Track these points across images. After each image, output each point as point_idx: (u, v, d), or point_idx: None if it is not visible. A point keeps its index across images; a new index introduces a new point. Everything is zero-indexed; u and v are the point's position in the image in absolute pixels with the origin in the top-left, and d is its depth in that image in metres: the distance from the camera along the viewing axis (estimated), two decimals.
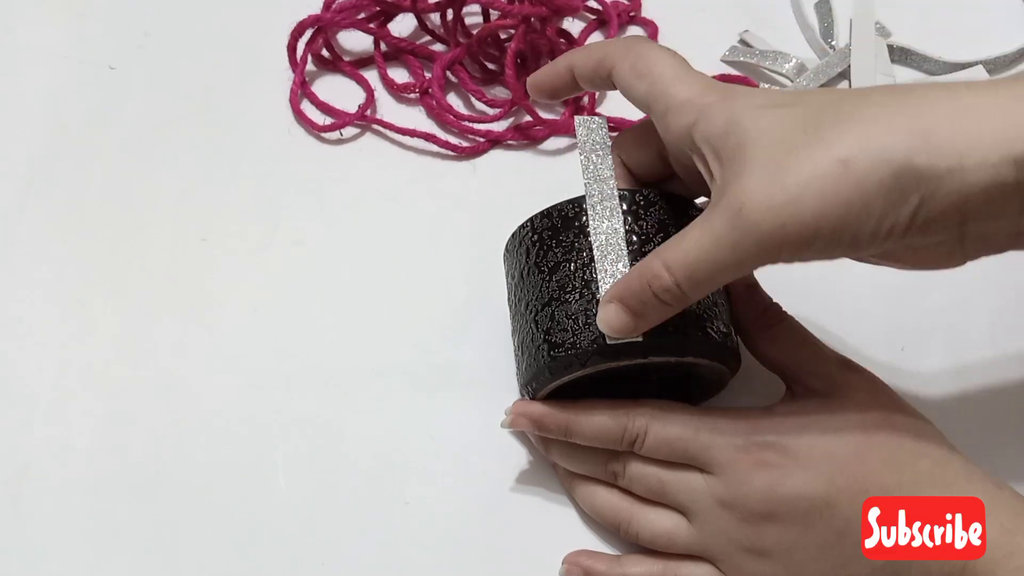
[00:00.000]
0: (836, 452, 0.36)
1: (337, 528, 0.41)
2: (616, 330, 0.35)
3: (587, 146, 0.38)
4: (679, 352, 0.36)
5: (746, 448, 0.36)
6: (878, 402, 0.38)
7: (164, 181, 0.51)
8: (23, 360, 0.46)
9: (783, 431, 0.37)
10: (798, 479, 0.36)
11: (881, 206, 0.30)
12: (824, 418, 0.37)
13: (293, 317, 0.47)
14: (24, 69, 0.56)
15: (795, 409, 0.38)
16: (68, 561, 0.41)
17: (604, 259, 0.36)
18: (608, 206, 0.37)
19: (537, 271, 0.38)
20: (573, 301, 0.37)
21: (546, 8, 0.52)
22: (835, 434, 0.36)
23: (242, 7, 0.58)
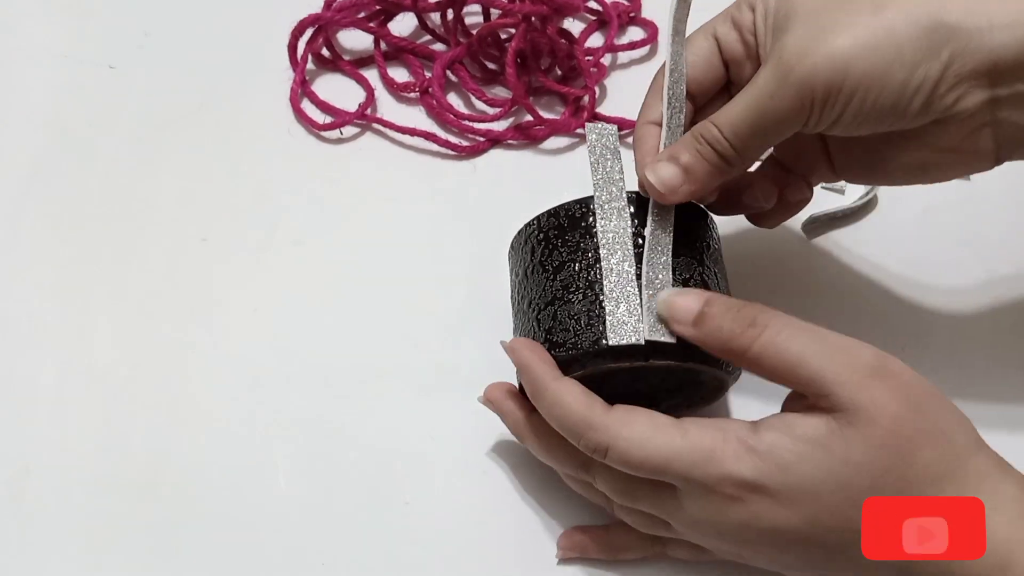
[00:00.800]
0: (825, 496, 0.32)
1: (337, 528, 0.41)
2: (667, 184, 0.36)
3: (597, 150, 0.39)
4: (680, 357, 0.36)
5: (720, 485, 0.32)
6: (901, 431, 0.32)
7: (164, 181, 0.51)
8: (23, 360, 0.46)
9: (765, 468, 0.32)
10: (777, 516, 0.32)
11: (911, 55, 0.32)
12: (821, 454, 0.32)
13: (293, 317, 0.47)
14: (24, 69, 0.56)
15: (787, 437, 0.32)
16: (68, 561, 0.41)
17: (610, 258, 0.36)
18: (616, 207, 0.37)
19: (541, 270, 0.38)
20: (576, 301, 0.37)
21: (547, 7, 0.52)
22: (828, 474, 0.32)
23: (242, 7, 0.58)
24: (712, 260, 0.39)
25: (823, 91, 0.33)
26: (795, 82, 0.33)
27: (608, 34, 0.56)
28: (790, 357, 0.32)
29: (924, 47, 0.32)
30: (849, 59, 0.33)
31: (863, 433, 0.31)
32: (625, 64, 0.57)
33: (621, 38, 0.58)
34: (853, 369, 0.32)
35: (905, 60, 0.32)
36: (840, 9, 0.33)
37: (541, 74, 0.54)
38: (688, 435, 0.33)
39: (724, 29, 0.38)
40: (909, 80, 0.33)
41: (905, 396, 0.32)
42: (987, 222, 0.48)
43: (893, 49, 0.32)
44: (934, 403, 0.33)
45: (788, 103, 0.34)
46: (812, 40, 0.33)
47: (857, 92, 0.33)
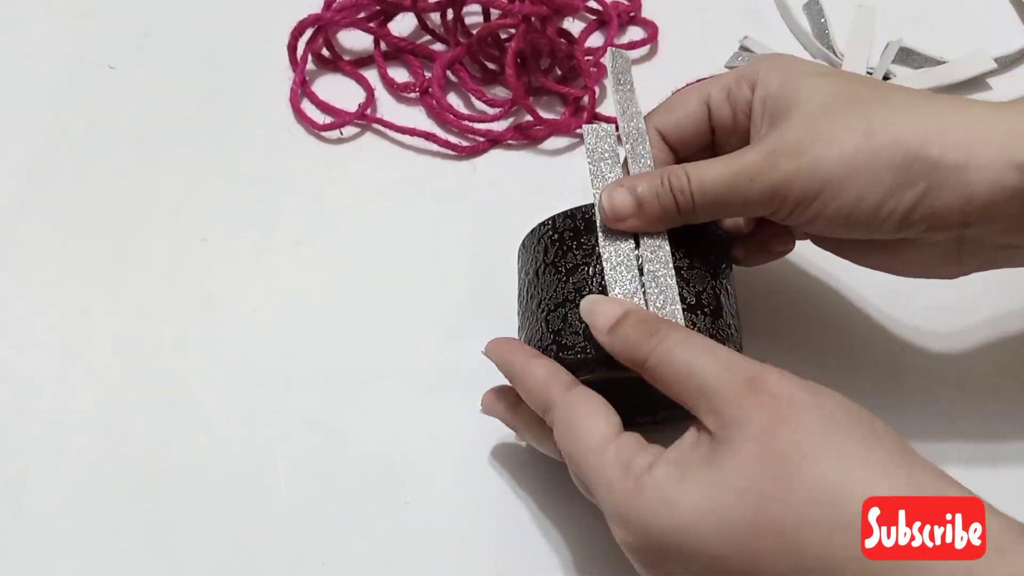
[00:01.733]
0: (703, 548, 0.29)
1: (337, 528, 0.41)
2: (616, 208, 0.36)
3: (595, 154, 0.39)
4: None
5: (611, 518, 0.32)
6: (773, 448, 0.29)
7: (164, 181, 0.51)
8: (23, 360, 0.46)
9: (646, 505, 0.31)
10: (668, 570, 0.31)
11: (889, 182, 0.34)
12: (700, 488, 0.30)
13: (293, 317, 0.47)
14: (24, 69, 0.56)
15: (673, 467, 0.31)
16: (68, 561, 0.41)
17: (613, 266, 0.36)
18: None
19: (554, 270, 0.38)
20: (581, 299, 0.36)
21: (547, 7, 0.52)
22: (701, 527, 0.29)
23: (242, 7, 0.58)
24: (725, 275, 0.39)
25: (797, 195, 0.34)
26: (776, 176, 0.34)
27: (608, 34, 0.56)
28: (680, 368, 0.32)
29: (903, 177, 0.34)
30: (830, 173, 0.34)
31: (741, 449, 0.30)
32: None
33: (621, 38, 0.58)
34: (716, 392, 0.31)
35: (882, 186, 0.34)
36: (837, 121, 0.35)
37: (541, 74, 0.54)
38: (605, 452, 0.32)
39: (719, 99, 0.39)
40: (883, 205, 0.34)
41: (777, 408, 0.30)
42: None
43: (872, 173, 0.34)
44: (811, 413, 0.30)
45: (762, 192, 0.35)
46: (803, 143, 0.34)
47: (830, 205, 0.34)
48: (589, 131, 0.39)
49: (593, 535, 0.41)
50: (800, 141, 0.34)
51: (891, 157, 0.33)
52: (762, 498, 0.29)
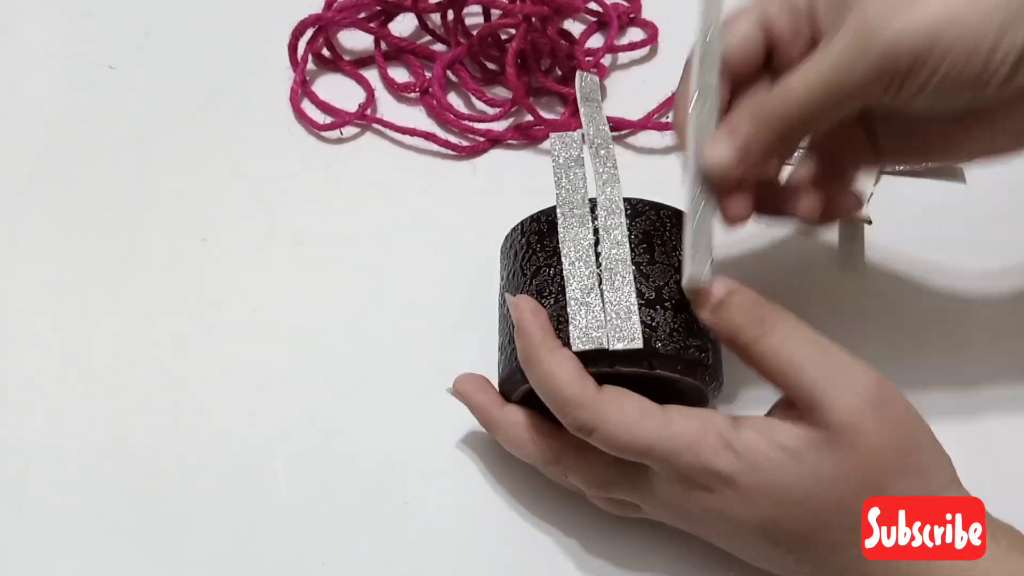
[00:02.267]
0: (788, 504, 0.33)
1: (337, 528, 0.41)
2: (717, 164, 0.34)
3: (561, 158, 0.38)
4: (647, 364, 0.35)
5: (695, 473, 0.33)
6: (878, 463, 0.32)
7: (164, 181, 0.51)
8: (23, 360, 0.46)
9: (739, 465, 0.33)
10: (741, 511, 0.33)
11: (1001, 18, 0.30)
12: (793, 464, 0.32)
13: (293, 317, 0.47)
14: (24, 69, 0.56)
15: (764, 440, 0.33)
16: (68, 561, 0.41)
17: (572, 266, 0.36)
18: (578, 215, 0.37)
19: (521, 273, 0.39)
20: (548, 306, 0.37)
21: (547, 8, 0.52)
22: (795, 483, 0.32)
23: (242, 7, 0.59)
24: None
25: (909, 59, 0.31)
26: (879, 49, 0.31)
27: (608, 35, 0.56)
28: (790, 364, 0.33)
29: (1014, 9, 0.31)
30: (939, 26, 0.31)
31: (840, 455, 0.32)
32: (625, 64, 0.57)
33: (621, 39, 0.58)
34: (849, 392, 0.32)
35: (994, 23, 0.31)
36: None
37: (541, 74, 0.54)
38: (672, 423, 0.34)
39: (775, 9, 0.36)
40: (998, 45, 0.31)
41: (893, 431, 0.32)
42: (987, 222, 0.48)
43: (982, 14, 0.31)
44: (920, 440, 0.33)
45: (870, 71, 0.32)
46: (896, 6, 0.31)
47: (945, 60, 0.31)
48: (555, 138, 0.39)
49: (593, 535, 0.41)
50: (891, 7, 0.31)
51: None
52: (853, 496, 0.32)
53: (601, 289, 0.36)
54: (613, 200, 0.37)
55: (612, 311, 0.35)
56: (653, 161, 0.52)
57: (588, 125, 0.39)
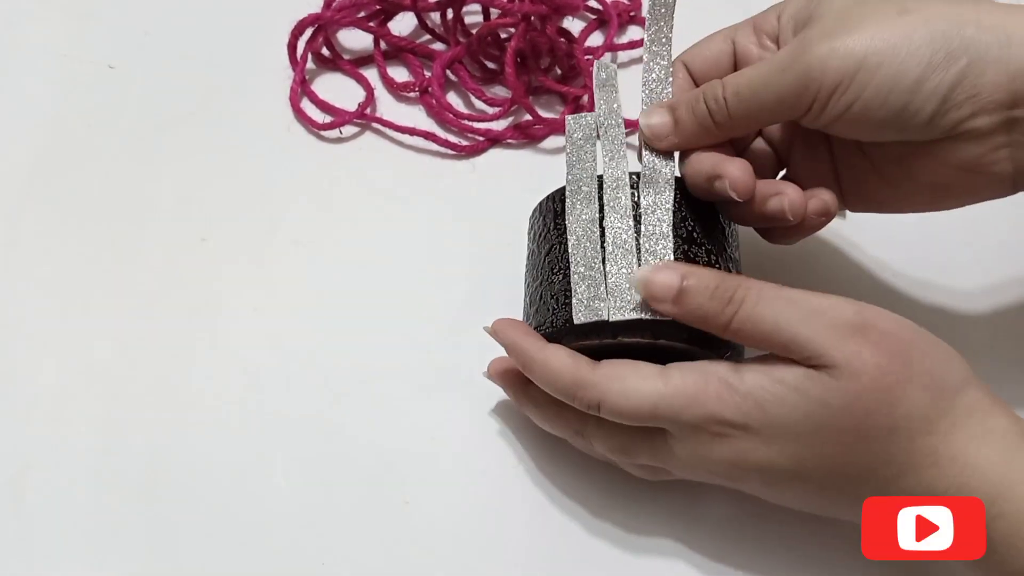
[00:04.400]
0: (804, 437, 0.33)
1: (337, 528, 0.41)
2: (653, 131, 0.37)
3: (573, 140, 0.40)
4: (651, 334, 0.36)
5: (706, 424, 0.34)
6: (884, 380, 0.32)
7: (164, 181, 0.51)
8: (24, 360, 0.46)
9: (745, 407, 0.33)
10: (762, 454, 0.34)
11: (927, 59, 0.33)
12: (797, 397, 0.33)
13: (293, 317, 0.47)
14: (24, 68, 0.56)
15: (766, 379, 0.33)
16: (68, 561, 0.41)
17: (577, 241, 0.37)
18: (585, 192, 0.38)
19: (536, 252, 0.40)
20: (557, 282, 0.38)
21: (546, 7, 0.52)
22: (805, 416, 0.33)
23: (242, 6, 0.58)
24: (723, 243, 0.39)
25: (833, 78, 0.34)
26: (807, 62, 0.34)
27: (608, 33, 0.56)
28: (766, 327, 0.33)
29: (941, 54, 0.32)
30: (864, 53, 0.33)
31: (844, 385, 0.32)
32: (625, 63, 0.57)
33: (621, 37, 0.58)
34: (832, 330, 0.33)
35: (920, 62, 0.33)
36: (866, 9, 0.34)
37: (541, 73, 0.54)
38: (671, 380, 0.34)
39: (744, 33, 0.39)
40: (921, 84, 0.33)
41: (888, 348, 0.33)
42: (987, 222, 0.48)
43: (908, 51, 0.33)
44: (921, 346, 0.34)
45: (794, 81, 0.34)
46: (833, 31, 0.34)
47: (867, 87, 0.33)
48: (570, 120, 0.40)
49: (593, 535, 0.41)
50: (831, 28, 0.34)
51: (928, 33, 0.33)
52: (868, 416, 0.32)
53: (604, 263, 0.36)
54: (617, 176, 0.38)
55: (613, 283, 0.36)
56: None
57: (599, 108, 0.40)
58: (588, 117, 0.40)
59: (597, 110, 0.40)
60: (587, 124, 0.40)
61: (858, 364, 0.32)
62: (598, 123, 0.39)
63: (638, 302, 0.36)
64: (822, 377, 0.33)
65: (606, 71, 0.40)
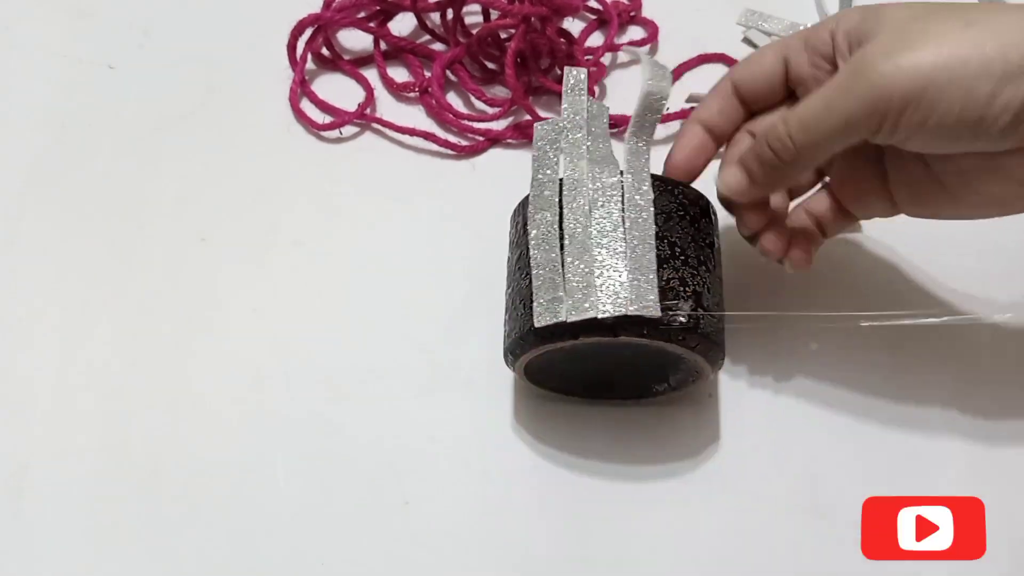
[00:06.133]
0: None
1: (337, 528, 0.41)
2: (731, 187, 0.37)
3: (537, 145, 0.39)
4: (611, 332, 0.36)
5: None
6: None
7: (164, 181, 0.51)
8: (23, 360, 0.46)
9: None
10: None
11: (1000, 70, 0.31)
12: None
13: (293, 317, 0.47)
14: (23, 68, 0.56)
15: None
16: (68, 561, 0.41)
17: (538, 245, 0.37)
18: (547, 196, 0.38)
19: (511, 256, 0.40)
20: (524, 286, 0.38)
21: (546, 8, 0.52)
22: None
23: (242, 6, 0.58)
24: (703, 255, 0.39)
25: (900, 99, 0.32)
26: (872, 83, 0.33)
27: (608, 33, 0.56)
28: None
29: (1015, 63, 0.31)
30: (933, 69, 0.32)
31: None
32: (625, 64, 0.57)
33: (621, 37, 0.58)
34: None
35: (992, 75, 0.31)
36: (928, 23, 0.33)
37: (540, 74, 0.54)
38: None
39: (796, 47, 0.38)
40: (995, 97, 0.32)
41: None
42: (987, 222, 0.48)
43: (980, 63, 0.31)
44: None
45: (861, 104, 0.33)
46: (896, 47, 0.33)
47: (939, 103, 0.32)
48: (537, 127, 0.40)
49: (593, 535, 0.41)
50: (892, 44, 0.33)
51: (999, 45, 0.31)
52: None
53: (563, 264, 0.37)
54: (576, 179, 0.38)
55: (570, 284, 0.36)
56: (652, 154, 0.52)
57: (565, 113, 0.40)
58: (552, 122, 0.40)
59: (563, 115, 0.40)
60: (550, 129, 0.40)
61: None
62: (563, 127, 0.39)
63: (594, 301, 0.36)
64: None
65: (575, 77, 0.40)
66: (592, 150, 0.39)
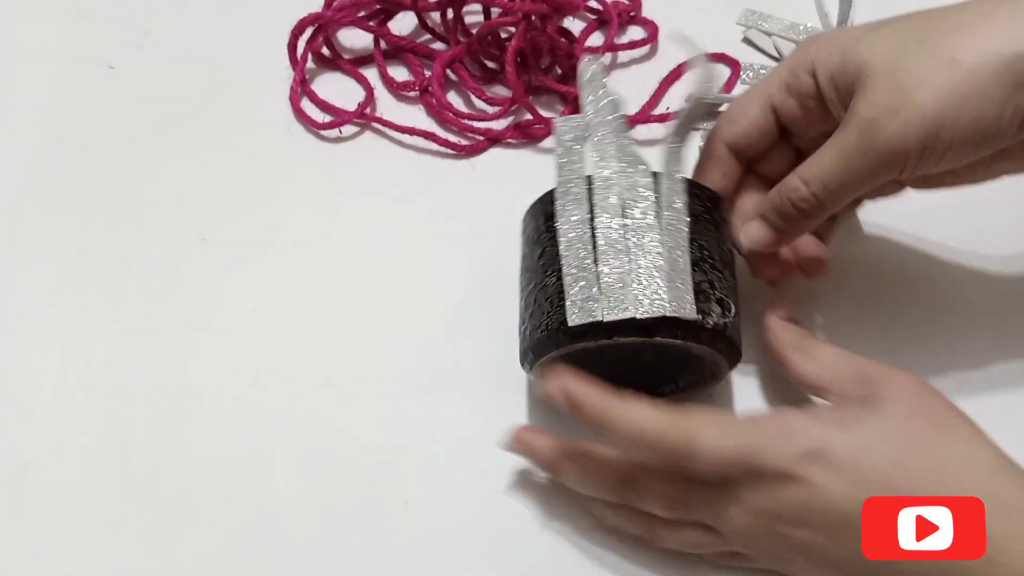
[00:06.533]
0: (877, 462, 0.34)
1: (337, 528, 0.41)
2: (758, 243, 0.38)
3: (561, 142, 0.39)
4: (646, 333, 0.36)
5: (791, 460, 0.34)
6: (924, 406, 0.35)
7: (164, 181, 0.51)
8: (23, 360, 0.46)
9: (823, 439, 0.34)
10: (834, 490, 0.33)
11: (999, 94, 0.33)
12: (863, 424, 0.34)
13: (293, 317, 0.47)
14: (23, 69, 0.56)
15: (836, 415, 0.35)
16: (68, 561, 0.41)
17: (568, 244, 0.37)
18: (575, 193, 0.38)
19: (530, 254, 0.40)
20: (551, 284, 0.38)
21: (547, 6, 0.52)
22: (875, 442, 0.34)
23: (241, 6, 0.59)
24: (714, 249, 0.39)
25: (918, 149, 0.34)
26: (887, 143, 0.34)
27: (608, 33, 0.56)
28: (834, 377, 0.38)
29: (1009, 81, 0.33)
30: (940, 115, 0.33)
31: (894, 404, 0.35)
32: (625, 63, 0.57)
33: (621, 37, 0.58)
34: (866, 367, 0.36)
35: (994, 99, 0.33)
36: (915, 64, 0.34)
37: (541, 73, 0.54)
38: (756, 421, 0.36)
39: (780, 96, 0.39)
40: (1002, 114, 0.33)
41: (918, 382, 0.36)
42: (987, 222, 0.48)
43: (979, 94, 0.33)
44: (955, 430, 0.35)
45: (881, 160, 0.35)
46: (897, 99, 0.34)
47: (953, 140, 0.34)
48: (559, 122, 0.40)
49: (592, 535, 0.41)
50: (891, 97, 0.34)
51: (991, 71, 0.33)
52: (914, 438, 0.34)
53: (596, 263, 0.36)
54: (606, 176, 0.38)
55: (605, 283, 0.36)
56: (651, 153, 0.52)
57: (587, 109, 0.40)
58: (577, 119, 0.39)
59: (585, 110, 0.39)
60: (576, 126, 0.39)
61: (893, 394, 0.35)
62: (588, 123, 0.39)
63: (631, 301, 0.36)
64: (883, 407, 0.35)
65: (593, 68, 0.40)
66: (620, 147, 0.39)
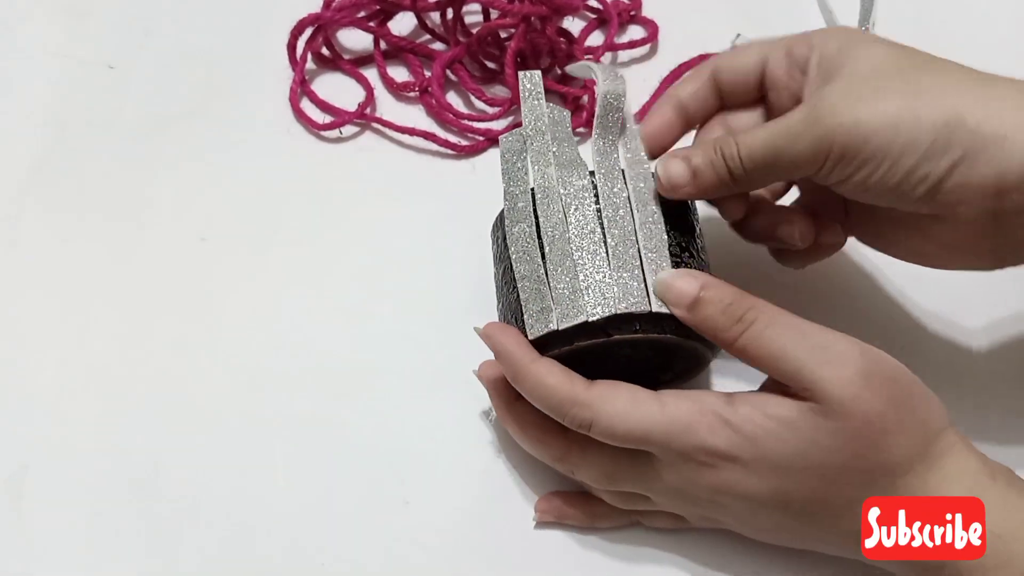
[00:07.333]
0: (793, 472, 0.34)
1: (336, 528, 0.41)
2: (672, 178, 0.38)
3: (505, 157, 0.39)
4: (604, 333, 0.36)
5: (695, 453, 0.35)
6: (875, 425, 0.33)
7: (164, 180, 0.51)
8: (23, 360, 0.46)
9: (737, 439, 0.34)
10: (748, 484, 0.35)
11: (927, 145, 0.33)
12: (789, 433, 0.34)
13: (293, 317, 0.47)
14: (24, 68, 0.56)
15: (760, 413, 0.34)
16: (68, 561, 0.41)
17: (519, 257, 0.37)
18: (522, 206, 0.38)
19: (496, 271, 0.41)
20: (513, 300, 0.38)
21: (546, 7, 0.52)
22: (795, 452, 0.34)
23: (242, 6, 0.58)
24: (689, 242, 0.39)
25: (839, 151, 0.35)
26: (818, 133, 0.35)
27: (608, 33, 0.56)
28: (772, 352, 0.34)
29: (940, 142, 0.33)
30: (871, 130, 0.34)
31: (836, 425, 0.33)
32: (625, 63, 0.57)
33: (621, 37, 0.58)
34: (836, 370, 0.33)
35: (918, 149, 0.34)
36: (883, 83, 0.35)
37: None
38: (666, 408, 0.35)
39: (777, 56, 0.39)
40: (916, 169, 0.34)
41: (886, 394, 0.33)
42: None
43: (911, 135, 0.34)
44: (916, 395, 0.35)
45: (806, 150, 0.35)
46: (847, 101, 0.35)
47: (868, 163, 0.34)
48: (502, 139, 0.40)
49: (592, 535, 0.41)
50: (844, 101, 0.35)
51: (932, 120, 0.33)
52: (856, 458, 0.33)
53: (547, 274, 0.37)
54: (546, 186, 0.38)
55: (557, 292, 0.36)
56: None
57: (525, 121, 0.40)
58: (517, 133, 0.40)
59: (524, 123, 0.40)
60: (516, 139, 0.39)
61: (856, 408, 0.33)
62: (526, 136, 0.39)
63: (582, 305, 0.36)
64: (815, 416, 0.33)
65: (530, 81, 0.40)
66: (558, 155, 0.39)
